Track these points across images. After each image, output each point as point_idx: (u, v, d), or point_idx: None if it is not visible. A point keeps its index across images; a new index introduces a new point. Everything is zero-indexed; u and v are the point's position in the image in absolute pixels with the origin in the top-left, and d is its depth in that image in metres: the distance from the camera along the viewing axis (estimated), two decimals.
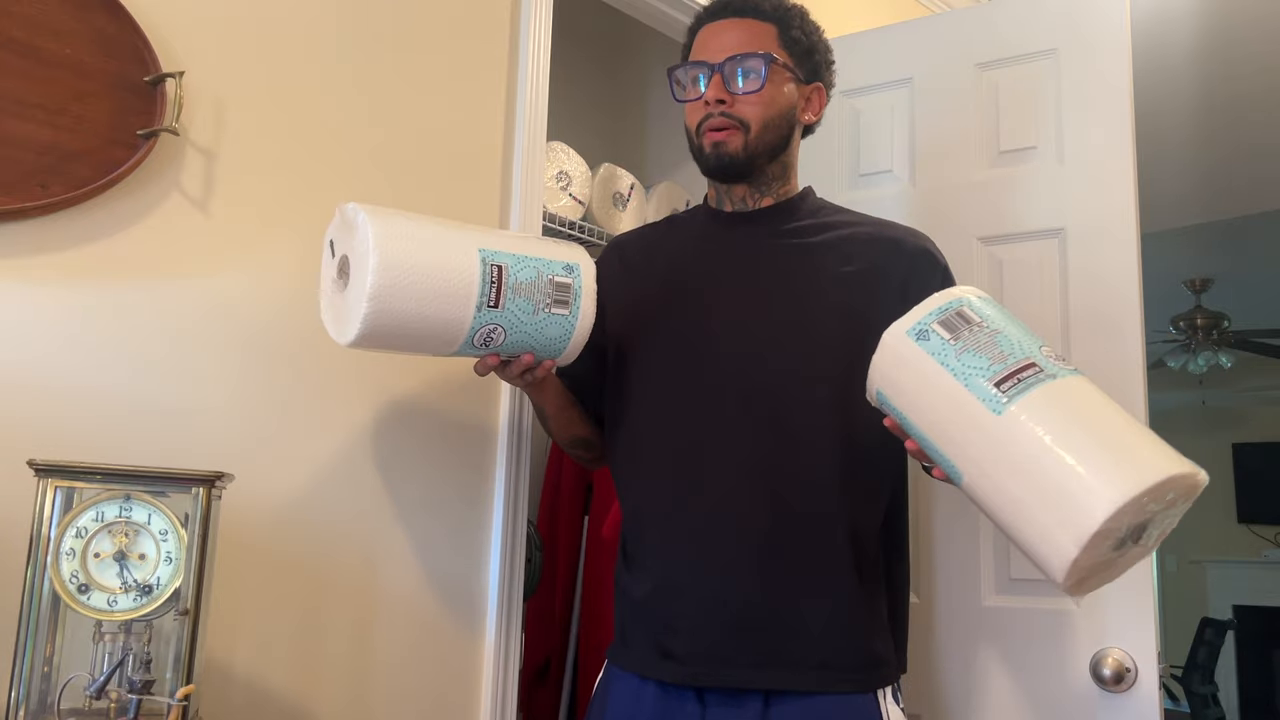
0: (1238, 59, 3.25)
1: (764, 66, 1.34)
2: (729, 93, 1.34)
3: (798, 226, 1.40)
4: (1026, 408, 1.00)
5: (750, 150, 1.35)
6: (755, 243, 1.39)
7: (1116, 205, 1.69)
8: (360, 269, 1.12)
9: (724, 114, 1.33)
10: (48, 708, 1.05)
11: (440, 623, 1.53)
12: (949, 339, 1.06)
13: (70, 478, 1.07)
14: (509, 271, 1.17)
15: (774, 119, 1.36)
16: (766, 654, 1.25)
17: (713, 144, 1.35)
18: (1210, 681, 5.77)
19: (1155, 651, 1.58)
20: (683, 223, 1.51)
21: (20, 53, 1.19)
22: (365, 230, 1.11)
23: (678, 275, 1.41)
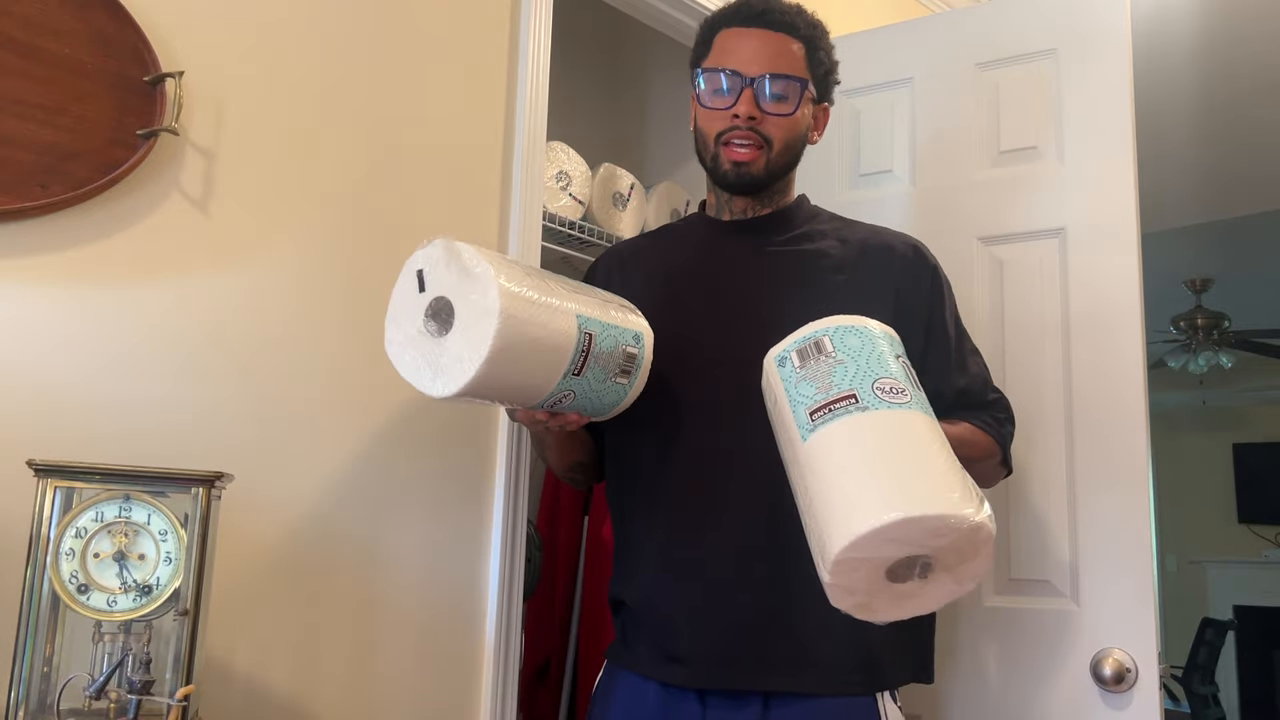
0: (1238, 58, 3.25)
1: (800, 91, 1.34)
2: (760, 109, 1.32)
3: (794, 235, 1.41)
4: (825, 436, 1.05)
5: (770, 170, 1.36)
6: (752, 253, 1.40)
7: (1117, 205, 1.69)
8: (473, 325, 1.06)
9: (752, 129, 1.33)
10: (47, 708, 1.05)
11: (440, 623, 1.53)
12: (797, 367, 1.11)
13: (70, 478, 1.06)
14: (596, 340, 1.15)
15: (794, 140, 1.38)
16: (766, 656, 1.25)
17: (734, 162, 1.35)
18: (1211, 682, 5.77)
19: (1155, 651, 1.58)
20: (681, 232, 1.51)
21: (20, 53, 1.19)
22: (489, 286, 1.05)
23: (677, 287, 1.41)
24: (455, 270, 1.08)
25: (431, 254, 1.11)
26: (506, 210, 1.68)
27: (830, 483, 1.02)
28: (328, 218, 1.46)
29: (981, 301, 1.80)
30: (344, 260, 1.48)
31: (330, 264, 1.46)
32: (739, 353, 1.31)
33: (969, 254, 1.82)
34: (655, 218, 2.43)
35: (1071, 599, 1.64)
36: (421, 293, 1.11)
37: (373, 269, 1.50)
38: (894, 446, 1.03)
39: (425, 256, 1.12)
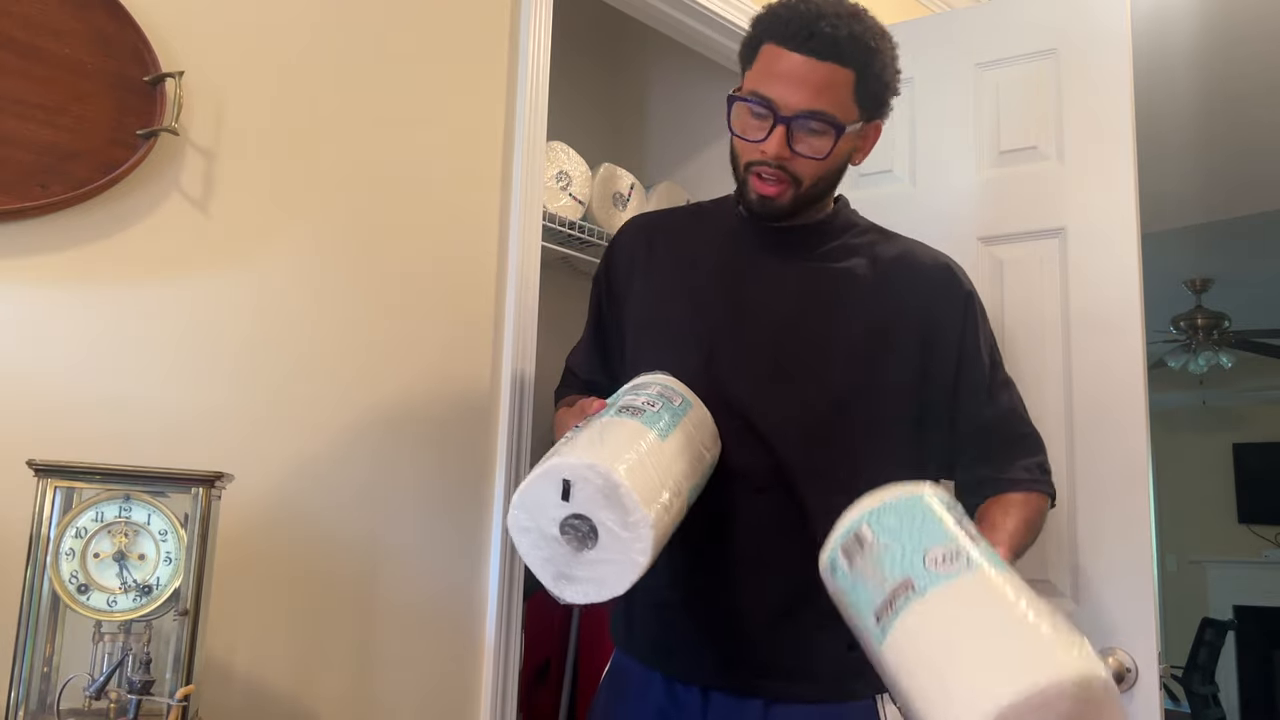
0: (1238, 59, 3.25)
1: (834, 138, 1.25)
2: (790, 150, 1.24)
3: (826, 250, 1.36)
4: (897, 638, 0.99)
5: (798, 203, 1.30)
6: (781, 267, 1.34)
7: (1117, 205, 1.69)
8: (613, 564, 1.07)
9: (780, 168, 1.26)
10: (47, 708, 1.05)
11: (440, 623, 1.53)
12: (848, 570, 1.08)
13: (70, 478, 1.07)
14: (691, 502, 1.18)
15: (829, 176, 1.31)
16: (765, 663, 1.27)
17: (760, 195, 1.28)
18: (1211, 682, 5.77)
19: (1156, 651, 1.58)
20: (709, 217, 1.44)
21: (20, 53, 1.19)
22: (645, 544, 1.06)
23: (702, 287, 1.36)
24: (612, 508, 1.07)
25: (587, 475, 1.07)
26: (506, 210, 1.68)
27: (921, 682, 0.95)
28: (327, 218, 1.46)
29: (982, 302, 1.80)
30: (344, 260, 1.48)
31: (330, 263, 1.46)
32: (754, 368, 1.30)
33: (969, 254, 1.81)
34: None
35: (1071, 599, 1.64)
36: (564, 501, 1.09)
37: (373, 268, 1.50)
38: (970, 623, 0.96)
39: (577, 472, 1.08)
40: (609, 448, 1.10)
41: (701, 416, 1.24)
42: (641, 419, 1.16)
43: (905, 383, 1.32)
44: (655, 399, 1.21)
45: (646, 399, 1.20)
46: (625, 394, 1.23)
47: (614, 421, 1.15)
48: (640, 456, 1.10)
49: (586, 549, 1.08)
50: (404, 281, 1.54)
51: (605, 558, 1.07)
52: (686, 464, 1.17)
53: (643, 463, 1.10)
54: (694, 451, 1.20)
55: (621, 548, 1.06)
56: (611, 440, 1.12)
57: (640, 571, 1.06)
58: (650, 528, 1.06)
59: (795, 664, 1.26)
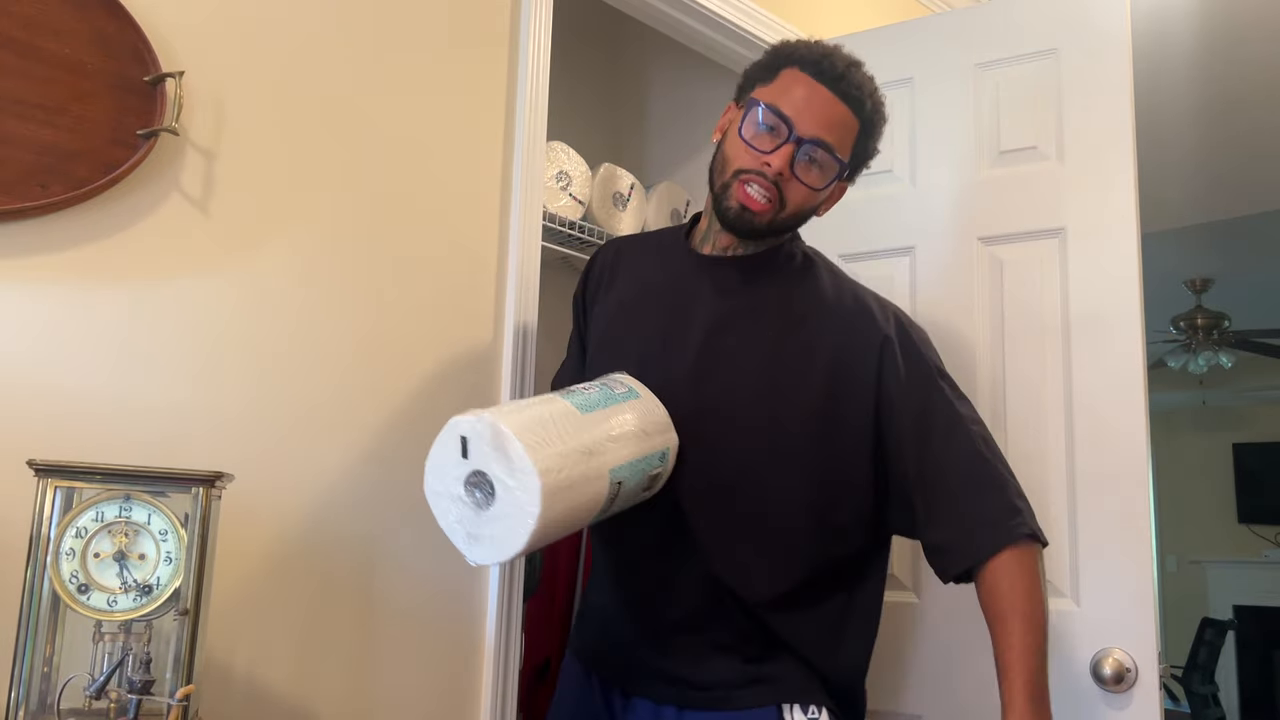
0: (1238, 59, 3.25)
1: (835, 174, 1.31)
2: (791, 170, 1.27)
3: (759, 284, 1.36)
4: None
5: (773, 226, 1.31)
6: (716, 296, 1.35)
7: (1117, 205, 1.69)
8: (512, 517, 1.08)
9: (776, 183, 1.27)
10: (48, 708, 1.05)
11: (440, 623, 1.53)
12: None
13: (70, 478, 1.07)
14: (625, 483, 1.18)
15: (806, 210, 1.33)
16: (675, 673, 1.32)
17: (743, 204, 1.28)
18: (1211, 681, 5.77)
19: (1155, 651, 1.58)
20: (667, 244, 1.46)
21: (20, 53, 1.19)
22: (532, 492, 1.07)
23: (640, 312, 1.40)
24: (500, 458, 1.08)
25: (478, 428, 1.09)
26: (506, 210, 1.68)
27: None
28: (327, 217, 1.46)
29: (981, 301, 1.80)
30: (344, 260, 1.48)
31: (330, 263, 1.46)
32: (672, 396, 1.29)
33: (969, 254, 1.82)
34: (655, 218, 2.43)
35: (1071, 599, 1.64)
36: (464, 459, 1.11)
37: (372, 268, 1.50)
38: None
39: (471, 427, 1.10)
40: (510, 408, 1.12)
41: (649, 407, 1.24)
42: (569, 397, 1.18)
43: (812, 429, 1.30)
44: (595, 385, 1.23)
45: (585, 384, 1.24)
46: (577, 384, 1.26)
47: (539, 396, 1.18)
48: (540, 415, 1.11)
49: (488, 506, 1.09)
50: (404, 281, 1.54)
51: (503, 512, 1.08)
52: (609, 437, 1.16)
53: (541, 420, 1.11)
54: (626, 429, 1.19)
55: (514, 500, 1.07)
56: (518, 404, 1.14)
57: (533, 523, 1.06)
58: (537, 476, 1.05)
59: (701, 675, 1.31)
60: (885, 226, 1.91)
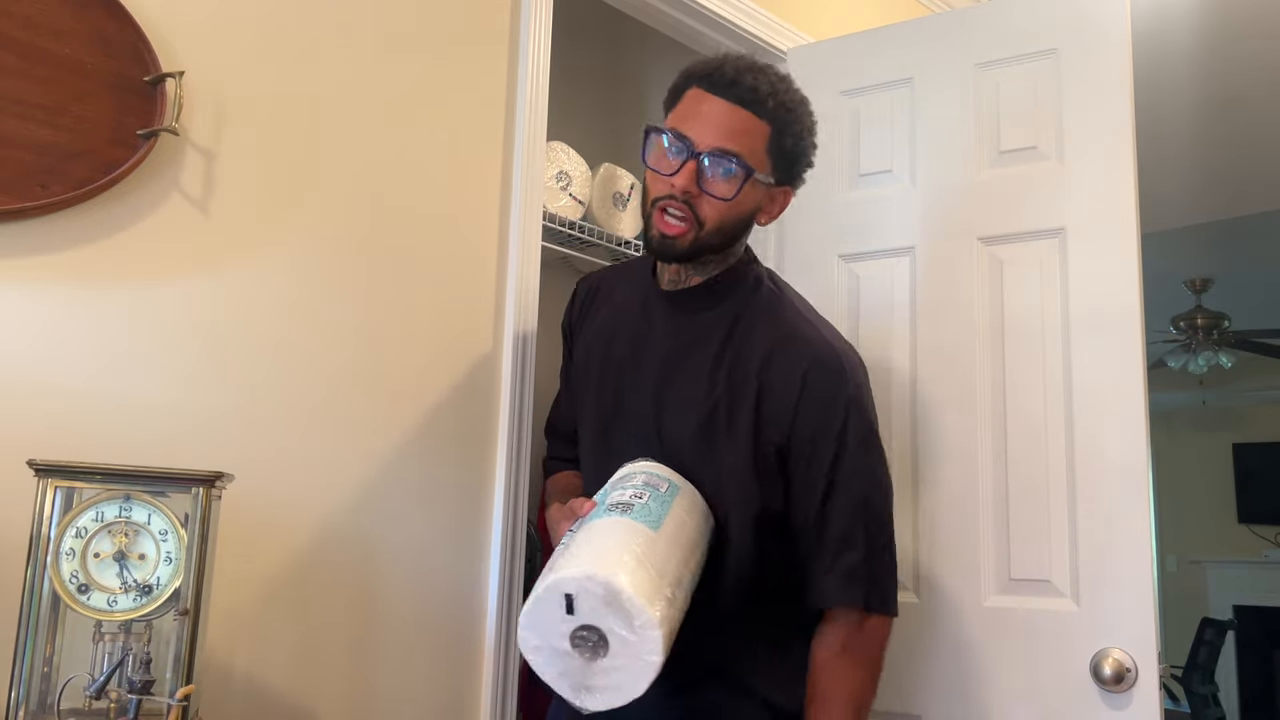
0: (1238, 58, 3.24)
1: (743, 179, 1.27)
2: (698, 187, 1.26)
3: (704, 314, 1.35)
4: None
5: (697, 246, 1.29)
6: (667, 324, 1.37)
7: (1117, 205, 1.69)
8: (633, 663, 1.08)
9: (685, 203, 1.26)
10: (48, 708, 1.05)
11: (440, 623, 1.53)
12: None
13: (70, 478, 1.07)
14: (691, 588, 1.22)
15: (730, 225, 1.30)
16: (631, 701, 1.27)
17: (661, 233, 1.28)
18: (1210, 681, 5.76)
19: (1155, 651, 1.57)
20: (636, 279, 1.46)
21: (20, 53, 1.19)
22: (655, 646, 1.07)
23: (610, 349, 1.41)
24: (616, 614, 1.08)
25: (589, 587, 1.08)
26: (506, 210, 1.68)
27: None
28: (327, 217, 1.46)
29: (981, 301, 1.80)
30: (344, 260, 1.48)
31: (330, 264, 1.46)
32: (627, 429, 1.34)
33: (969, 254, 1.82)
34: None
35: (1071, 599, 1.64)
36: (569, 615, 1.09)
37: (372, 268, 1.50)
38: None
39: (576, 585, 1.08)
40: (605, 553, 1.11)
41: (692, 499, 1.26)
42: (632, 515, 1.17)
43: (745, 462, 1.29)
44: (642, 489, 1.22)
45: (634, 492, 1.21)
46: (613, 489, 1.24)
47: (606, 523, 1.16)
48: (637, 557, 1.11)
49: (599, 658, 1.09)
50: (404, 281, 1.54)
51: (618, 664, 1.08)
52: (683, 551, 1.18)
53: (640, 563, 1.11)
54: (688, 537, 1.21)
55: (632, 652, 1.07)
56: (607, 544, 1.12)
57: (655, 671, 1.07)
58: (657, 628, 1.07)
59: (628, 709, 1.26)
60: (885, 226, 1.91)
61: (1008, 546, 1.71)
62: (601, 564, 1.09)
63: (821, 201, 1.96)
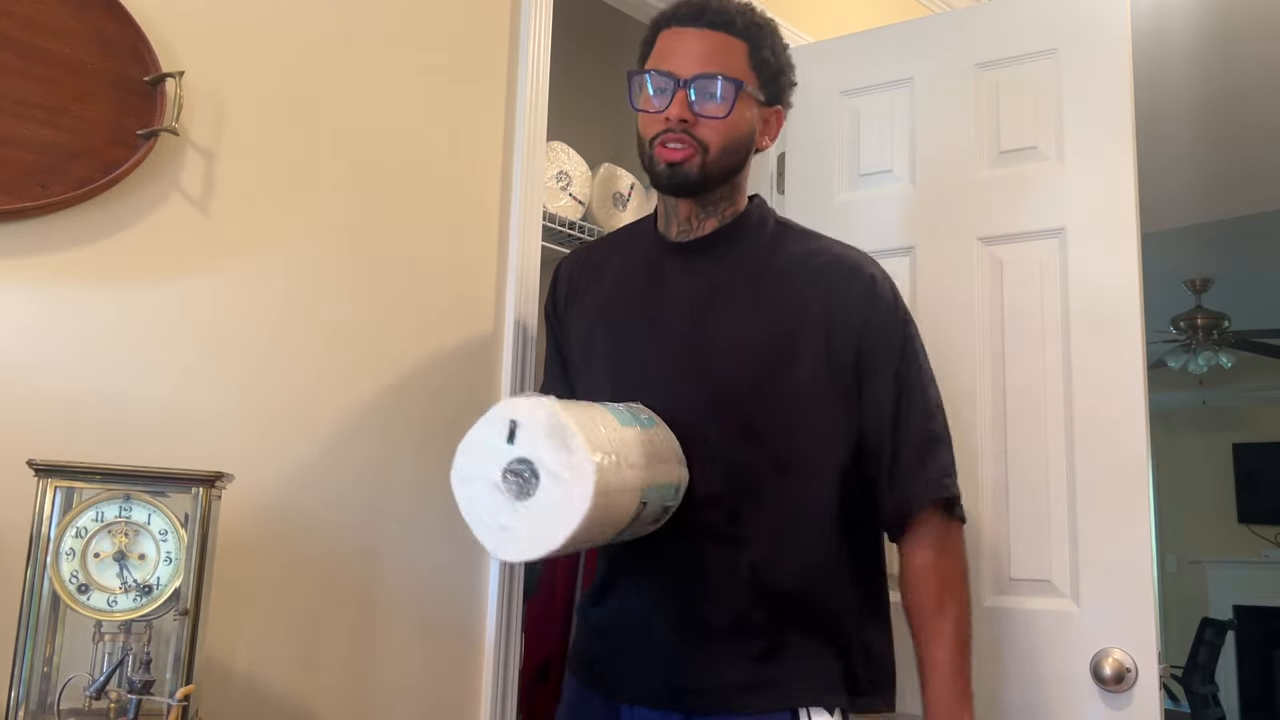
0: (1238, 58, 3.25)
1: (734, 92, 1.27)
2: (692, 112, 1.27)
3: (735, 257, 1.35)
4: None
5: (706, 173, 1.30)
6: (690, 274, 1.35)
7: (1117, 205, 1.69)
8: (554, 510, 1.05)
9: (685, 132, 1.27)
10: (48, 708, 1.05)
11: (440, 623, 1.53)
12: None
13: (70, 478, 1.07)
14: (647, 506, 1.15)
15: (733, 144, 1.30)
16: (682, 680, 1.28)
17: (667, 162, 1.29)
18: (1210, 681, 5.77)
19: (1155, 651, 1.57)
20: (630, 241, 1.46)
21: (20, 53, 1.19)
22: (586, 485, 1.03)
23: (623, 314, 1.38)
24: (556, 447, 1.05)
25: (534, 413, 1.06)
26: (506, 210, 1.68)
27: None
28: (327, 218, 1.46)
29: (981, 301, 1.80)
30: (344, 260, 1.48)
31: (330, 263, 1.46)
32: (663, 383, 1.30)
33: (969, 254, 1.82)
34: None
35: (1071, 599, 1.64)
36: (509, 444, 1.07)
37: (373, 268, 1.50)
38: None
39: (526, 411, 1.07)
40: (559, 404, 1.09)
41: (667, 436, 1.24)
42: (601, 405, 1.17)
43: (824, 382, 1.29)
44: (620, 406, 1.22)
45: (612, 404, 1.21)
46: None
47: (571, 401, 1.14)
48: (591, 417, 1.09)
49: (528, 496, 1.05)
50: (404, 281, 1.54)
51: (546, 502, 1.04)
52: (642, 455, 1.14)
53: (593, 420, 1.09)
54: (653, 452, 1.18)
55: (563, 491, 1.03)
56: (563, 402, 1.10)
57: (579, 518, 1.03)
58: (594, 470, 1.02)
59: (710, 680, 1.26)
60: (885, 226, 1.91)
61: (1007, 546, 1.71)
62: (555, 403, 1.07)
63: (821, 202, 1.96)
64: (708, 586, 1.27)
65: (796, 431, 1.29)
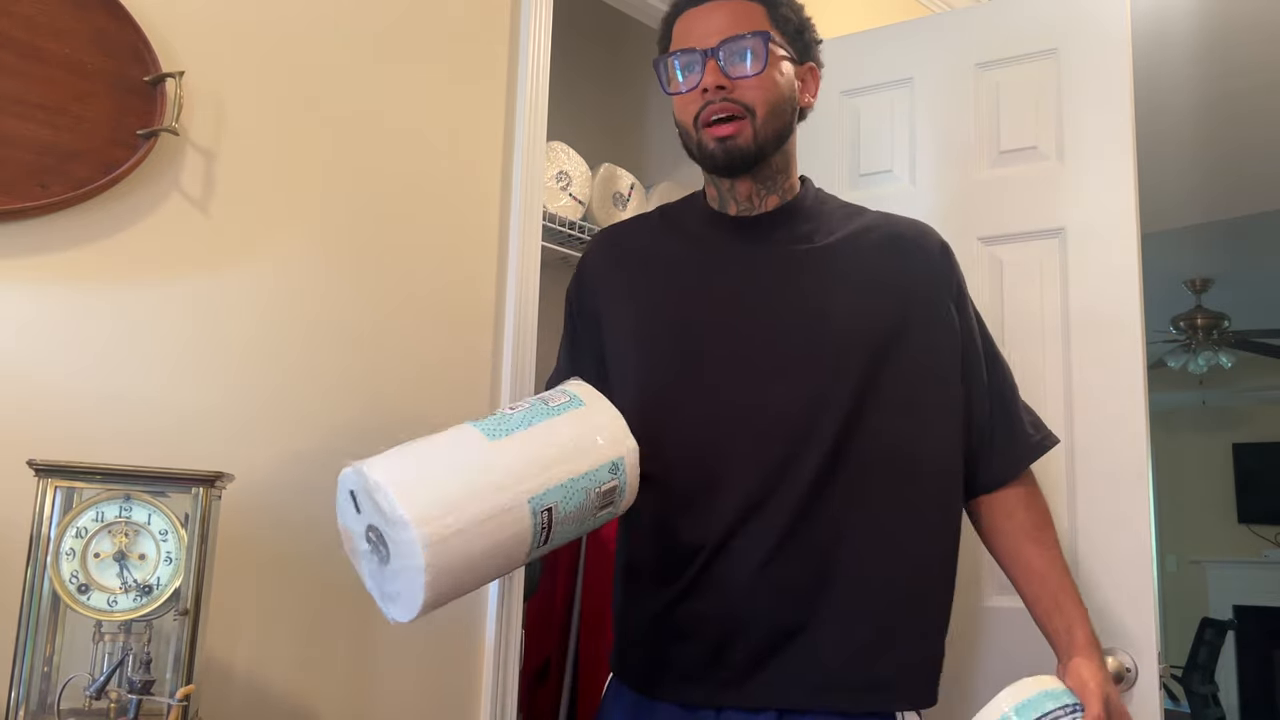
0: (1238, 58, 3.25)
1: (763, 45, 1.23)
2: (728, 78, 1.22)
3: (803, 232, 1.31)
4: None
5: (760, 139, 1.24)
6: (759, 253, 1.30)
7: (1117, 205, 1.69)
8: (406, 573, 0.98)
9: (726, 100, 1.22)
10: (48, 708, 1.05)
11: (440, 623, 1.53)
12: None
13: (70, 478, 1.07)
14: (559, 508, 1.05)
15: (778, 103, 1.25)
16: (774, 678, 1.20)
17: (718, 139, 1.23)
18: (1210, 681, 5.77)
19: (1155, 651, 1.58)
20: (678, 222, 1.38)
21: (20, 53, 1.19)
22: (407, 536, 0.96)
23: (680, 289, 1.31)
24: (380, 510, 0.98)
25: (354, 480, 1.01)
26: (506, 210, 1.68)
27: None
28: (327, 217, 1.46)
29: (981, 301, 1.78)
30: (343, 260, 1.48)
31: (330, 263, 1.46)
32: (754, 361, 1.25)
33: (969, 254, 1.81)
34: None
35: None
36: (358, 513, 1.03)
37: (373, 268, 1.50)
38: None
39: (350, 479, 1.02)
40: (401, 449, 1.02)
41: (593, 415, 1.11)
42: (476, 422, 1.07)
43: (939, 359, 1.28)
44: (525, 402, 1.12)
45: (514, 404, 1.12)
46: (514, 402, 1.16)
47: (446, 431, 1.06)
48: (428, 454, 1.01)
49: (389, 561, 1.00)
50: (404, 281, 1.54)
51: (400, 566, 0.98)
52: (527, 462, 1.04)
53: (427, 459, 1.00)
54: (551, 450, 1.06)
55: (404, 554, 0.97)
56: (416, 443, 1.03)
57: (423, 576, 0.95)
58: (410, 526, 0.94)
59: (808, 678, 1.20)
60: None
61: None
62: (382, 458, 1.00)
63: None
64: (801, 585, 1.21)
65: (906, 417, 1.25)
